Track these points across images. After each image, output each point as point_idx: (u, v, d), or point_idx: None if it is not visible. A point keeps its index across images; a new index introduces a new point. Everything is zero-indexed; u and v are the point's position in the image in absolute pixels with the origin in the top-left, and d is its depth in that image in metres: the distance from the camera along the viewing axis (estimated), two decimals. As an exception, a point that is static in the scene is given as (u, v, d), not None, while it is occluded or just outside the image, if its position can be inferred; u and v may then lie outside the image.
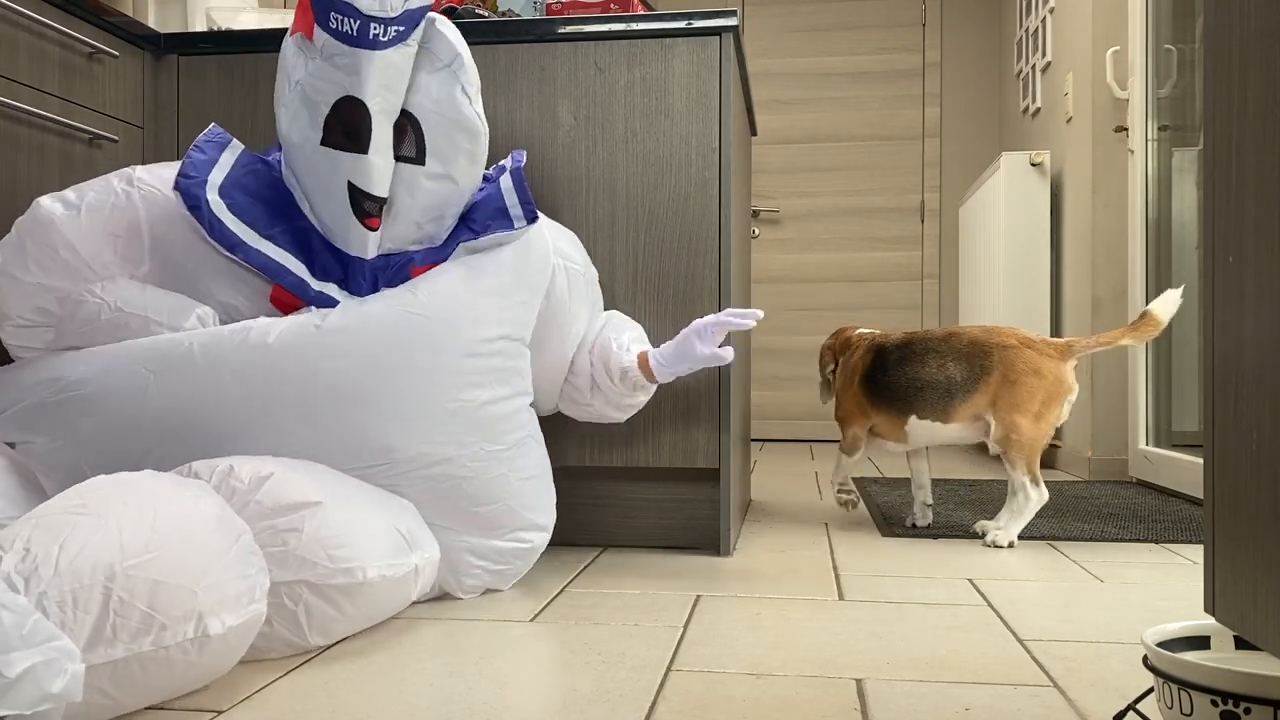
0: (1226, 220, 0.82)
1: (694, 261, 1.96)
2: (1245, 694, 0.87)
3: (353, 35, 1.54)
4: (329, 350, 1.52)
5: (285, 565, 1.27)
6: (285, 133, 1.61)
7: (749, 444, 2.73)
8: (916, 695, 1.17)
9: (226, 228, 1.58)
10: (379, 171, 1.59)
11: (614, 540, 2.06)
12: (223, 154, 1.64)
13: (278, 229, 1.62)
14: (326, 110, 1.57)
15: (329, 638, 1.34)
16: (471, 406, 1.57)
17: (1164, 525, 2.35)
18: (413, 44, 1.60)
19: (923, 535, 2.21)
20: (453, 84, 1.62)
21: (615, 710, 1.11)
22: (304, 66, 1.59)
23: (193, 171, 1.59)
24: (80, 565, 1.04)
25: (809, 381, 4.93)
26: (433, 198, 1.64)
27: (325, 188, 1.60)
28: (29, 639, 0.95)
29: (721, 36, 1.96)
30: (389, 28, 1.54)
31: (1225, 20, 0.82)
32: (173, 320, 1.55)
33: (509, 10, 2.20)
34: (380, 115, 1.58)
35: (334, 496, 1.36)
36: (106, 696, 1.05)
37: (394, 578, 1.38)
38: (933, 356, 2.14)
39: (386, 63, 1.56)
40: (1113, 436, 3.36)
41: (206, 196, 1.57)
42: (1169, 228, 3.13)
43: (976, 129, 4.89)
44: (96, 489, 1.16)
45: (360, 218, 1.60)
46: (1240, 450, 0.79)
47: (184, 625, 1.09)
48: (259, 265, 1.59)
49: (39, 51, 1.78)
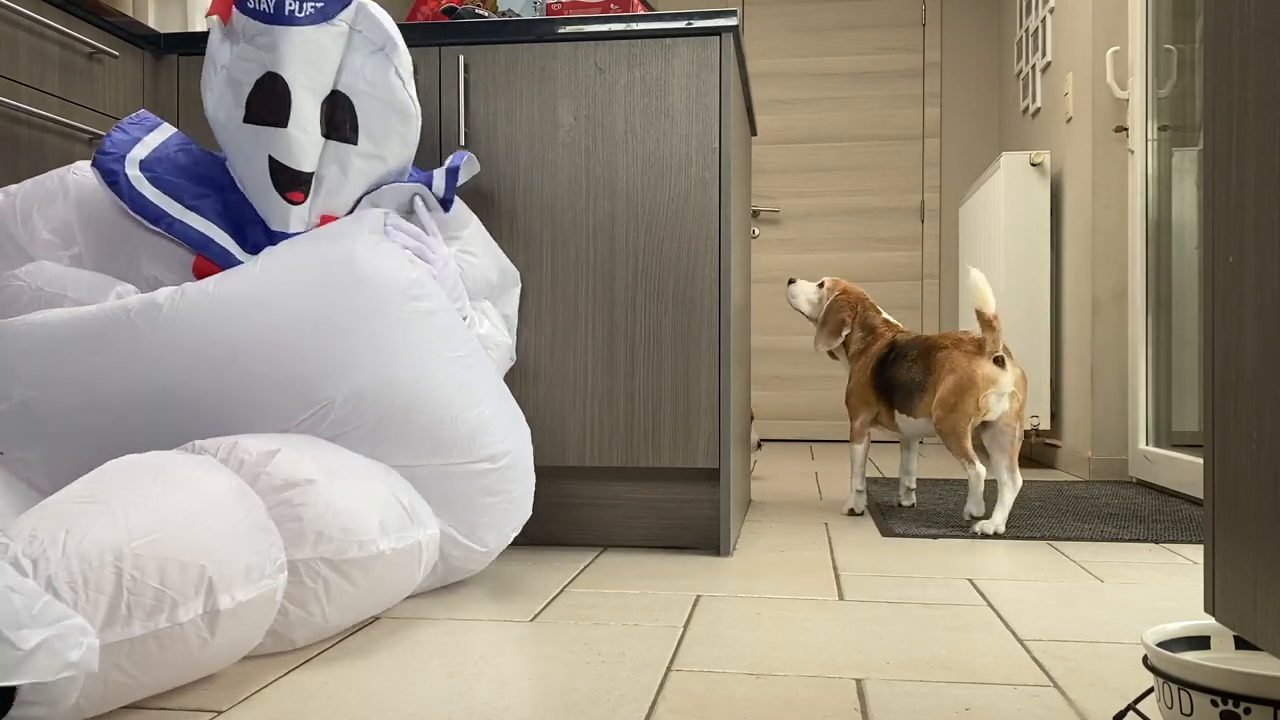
0: (1226, 220, 0.82)
1: (694, 261, 1.96)
2: (1245, 694, 0.87)
3: (269, 13, 1.59)
4: (265, 288, 1.49)
5: (302, 540, 1.27)
6: (212, 114, 1.65)
7: (749, 444, 2.73)
8: (916, 695, 1.17)
9: (147, 199, 1.59)
10: (299, 146, 1.62)
11: (614, 540, 2.06)
12: (149, 134, 1.67)
13: (206, 201, 1.64)
14: (249, 88, 1.61)
15: (344, 616, 1.34)
16: (419, 315, 1.54)
17: (1164, 525, 2.35)
18: (340, 24, 1.64)
19: (923, 535, 2.21)
20: (386, 67, 1.67)
21: (615, 710, 1.11)
22: (228, 51, 1.63)
23: (110, 148, 1.61)
24: (87, 548, 1.05)
25: (809, 381, 4.93)
26: (363, 176, 1.69)
27: (248, 162, 1.63)
28: (39, 619, 0.96)
29: (721, 36, 1.96)
30: (304, 4, 1.59)
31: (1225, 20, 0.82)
32: (92, 296, 1.54)
33: (509, 10, 2.20)
34: (302, 90, 1.61)
35: (335, 468, 1.36)
36: (126, 675, 1.06)
37: (402, 549, 1.39)
38: (907, 359, 2.40)
39: (306, 39, 1.60)
40: (1113, 436, 3.36)
41: (125, 171, 1.59)
42: (1169, 228, 3.13)
43: (976, 129, 4.89)
44: (102, 478, 1.16)
45: (280, 191, 1.62)
46: (1240, 450, 0.79)
47: (195, 601, 1.10)
48: (182, 236, 1.60)
49: (39, 51, 1.78)
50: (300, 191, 1.63)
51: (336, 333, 1.47)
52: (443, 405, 1.52)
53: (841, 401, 4.90)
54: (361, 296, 1.50)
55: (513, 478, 1.60)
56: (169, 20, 2.36)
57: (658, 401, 1.97)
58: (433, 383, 1.52)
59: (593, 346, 1.99)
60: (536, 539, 2.06)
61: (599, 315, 1.99)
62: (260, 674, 1.24)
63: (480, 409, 1.56)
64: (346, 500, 1.33)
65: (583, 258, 1.99)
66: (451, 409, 1.53)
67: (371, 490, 1.39)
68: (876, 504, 2.67)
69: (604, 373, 1.98)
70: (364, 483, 1.38)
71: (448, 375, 1.54)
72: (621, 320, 1.98)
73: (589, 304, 1.99)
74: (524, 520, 1.67)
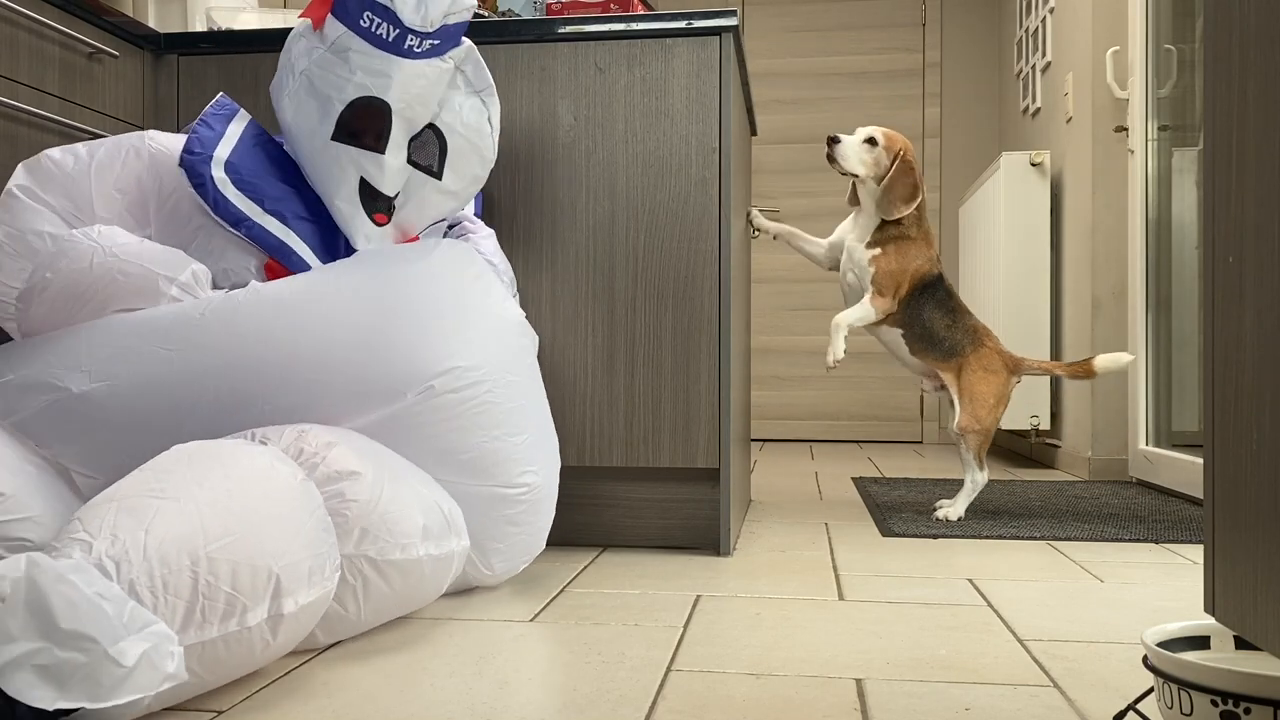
0: (1226, 220, 0.82)
1: (694, 261, 1.96)
2: (1245, 694, 0.87)
3: (386, 40, 1.55)
4: (343, 293, 1.51)
5: (349, 535, 1.28)
6: (291, 121, 1.61)
7: (749, 444, 2.73)
8: (916, 695, 1.17)
9: (231, 204, 1.57)
10: (391, 171, 1.62)
11: (614, 540, 2.06)
12: (229, 126, 1.63)
13: (286, 204, 1.62)
14: (341, 106, 1.57)
15: (377, 616, 1.35)
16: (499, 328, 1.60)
17: (1164, 525, 2.35)
18: (448, 61, 1.63)
19: (923, 535, 2.21)
20: (482, 112, 1.69)
21: (615, 710, 1.11)
22: (308, 56, 1.58)
23: (198, 147, 1.57)
24: (167, 550, 1.05)
25: (809, 381, 4.93)
26: (436, 209, 1.71)
27: (334, 179, 1.61)
28: (130, 625, 0.97)
29: (721, 36, 1.96)
30: (425, 40, 1.57)
31: (1225, 20, 0.82)
32: (169, 271, 1.49)
33: (509, 10, 2.20)
34: (401, 120, 1.60)
35: (385, 467, 1.37)
36: (195, 675, 1.07)
37: (438, 557, 1.40)
38: (944, 311, 2.38)
39: (416, 72, 1.58)
40: (1113, 436, 3.36)
41: (212, 174, 1.56)
42: (1169, 228, 3.13)
43: (976, 129, 4.89)
44: (171, 467, 1.16)
45: (369, 211, 1.63)
46: (1240, 450, 0.79)
47: (262, 606, 1.11)
48: (260, 240, 1.59)
49: (39, 51, 1.78)
50: (385, 214, 1.64)
51: (414, 334, 1.50)
52: (485, 427, 1.53)
53: (842, 401, 4.90)
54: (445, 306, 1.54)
55: (537, 510, 1.62)
56: (169, 20, 2.36)
57: (658, 401, 1.97)
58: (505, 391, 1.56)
59: (593, 346, 1.99)
60: (536, 539, 2.06)
61: (599, 315, 1.99)
62: (261, 674, 1.24)
63: (524, 436, 1.58)
64: (394, 500, 1.33)
65: (583, 258, 1.99)
66: (499, 430, 1.54)
67: (418, 495, 1.39)
68: (876, 504, 2.67)
69: (604, 373, 1.98)
70: (411, 487, 1.39)
71: (505, 396, 1.56)
72: (621, 320, 1.98)
73: (589, 304, 1.99)
74: (537, 551, 1.68)
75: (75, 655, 0.93)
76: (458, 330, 1.53)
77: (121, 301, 1.48)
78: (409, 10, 1.53)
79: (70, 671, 0.92)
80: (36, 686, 0.91)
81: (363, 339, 1.47)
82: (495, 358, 1.55)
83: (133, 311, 1.48)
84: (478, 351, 1.53)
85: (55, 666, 0.92)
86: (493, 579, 1.63)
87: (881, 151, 2.35)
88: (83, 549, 1.02)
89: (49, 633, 0.93)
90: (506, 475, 1.55)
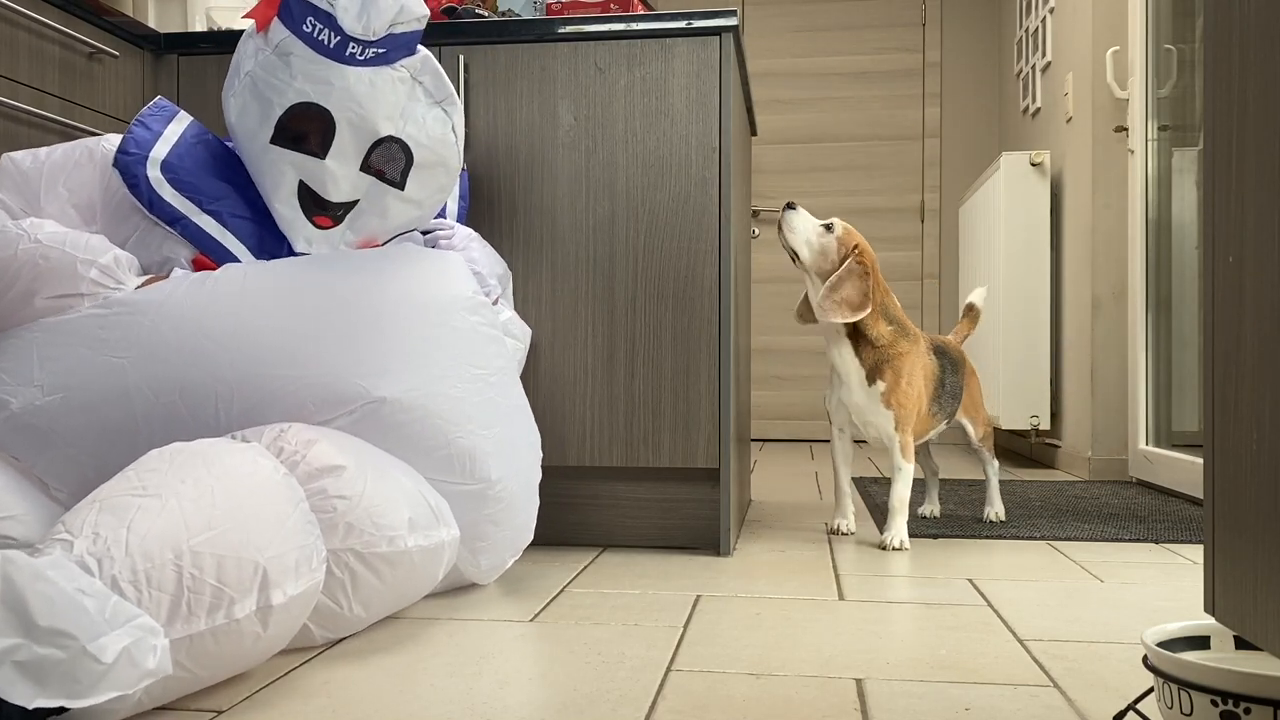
0: (1226, 220, 0.82)
1: (694, 261, 1.96)
2: (1245, 694, 0.87)
3: (327, 47, 1.53)
4: (305, 284, 1.51)
5: (334, 531, 1.28)
6: (234, 123, 1.60)
7: (749, 444, 2.73)
8: (916, 695, 1.17)
9: (167, 203, 1.58)
10: (334, 178, 1.59)
11: (614, 540, 2.06)
12: (168, 126, 1.64)
13: (224, 203, 1.62)
14: (280, 111, 1.56)
15: (368, 610, 1.35)
16: (469, 326, 1.59)
17: (1164, 525, 2.35)
18: (401, 70, 1.60)
19: (923, 535, 2.21)
20: (446, 122, 1.66)
21: (615, 710, 1.11)
22: (254, 58, 1.57)
23: (133, 148, 1.58)
24: (149, 545, 1.05)
25: (809, 381, 4.93)
26: (399, 219, 1.69)
27: (273, 181, 1.60)
28: (112, 621, 0.97)
29: (721, 36, 1.96)
30: (367, 49, 1.55)
31: (1225, 20, 0.82)
32: (89, 255, 1.49)
33: (509, 10, 2.20)
34: (347, 126, 1.57)
35: (367, 461, 1.37)
36: (185, 670, 1.07)
37: (428, 548, 1.40)
38: (946, 361, 2.29)
39: (360, 78, 1.56)
40: (1113, 436, 3.36)
41: (146, 173, 1.57)
42: (1169, 228, 3.13)
43: (976, 129, 4.89)
44: (153, 468, 1.16)
45: (307, 213, 1.61)
46: (1240, 450, 0.79)
47: (250, 597, 1.11)
48: (196, 240, 1.59)
49: (39, 51, 1.78)
50: (329, 218, 1.62)
51: (391, 332, 1.50)
52: (457, 422, 1.52)
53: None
54: (423, 305, 1.54)
55: (513, 507, 1.61)
56: (169, 20, 2.36)
57: (658, 401, 1.97)
58: (457, 393, 1.54)
59: (593, 346, 1.99)
60: (536, 539, 2.06)
61: (599, 315, 1.99)
62: (260, 674, 1.24)
63: (492, 430, 1.57)
64: (378, 494, 1.34)
65: (583, 258, 1.99)
66: (465, 426, 1.53)
67: (402, 487, 1.40)
68: (876, 504, 2.67)
69: (604, 373, 1.98)
70: (395, 479, 1.40)
71: (472, 391, 1.55)
72: (621, 320, 1.98)
73: (589, 304, 1.99)
74: (523, 546, 1.68)
75: (53, 652, 0.93)
76: (410, 331, 1.52)
77: (46, 286, 1.46)
78: (350, 18, 1.51)
79: (49, 668, 0.92)
80: (16, 683, 0.91)
81: (309, 346, 1.46)
82: (449, 359, 1.54)
83: (70, 310, 1.47)
84: (433, 351, 1.53)
85: (34, 663, 0.92)
86: (482, 576, 1.64)
87: (833, 241, 2.08)
88: (64, 548, 1.03)
89: (27, 630, 0.93)
90: (472, 472, 1.54)
